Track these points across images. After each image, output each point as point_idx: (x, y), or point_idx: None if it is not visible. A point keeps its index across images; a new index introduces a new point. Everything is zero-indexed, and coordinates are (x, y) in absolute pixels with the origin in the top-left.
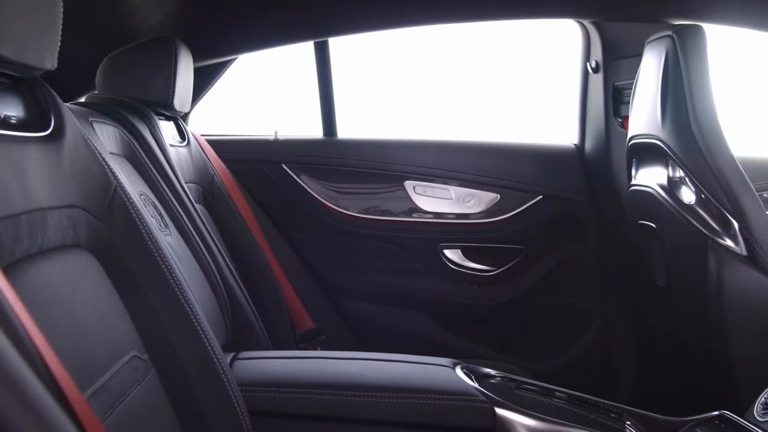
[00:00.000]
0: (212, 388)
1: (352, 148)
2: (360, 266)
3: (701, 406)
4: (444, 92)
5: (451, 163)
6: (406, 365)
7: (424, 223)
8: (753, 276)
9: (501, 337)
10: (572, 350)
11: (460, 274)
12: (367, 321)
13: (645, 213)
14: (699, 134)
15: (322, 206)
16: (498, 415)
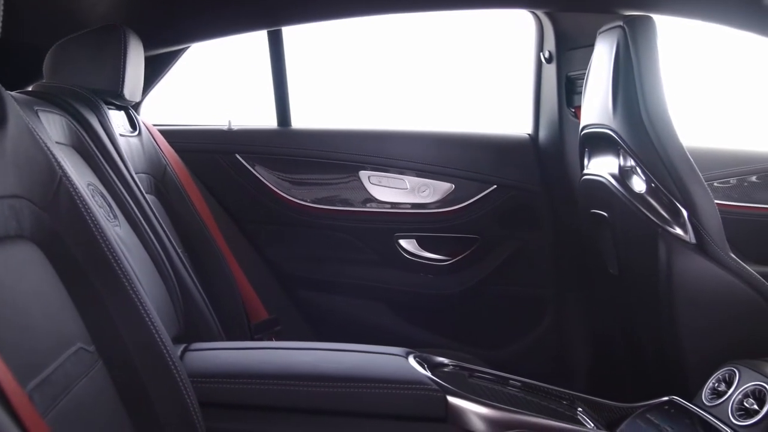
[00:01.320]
0: (161, 380)
1: (307, 138)
2: (315, 256)
3: (653, 392)
4: (399, 82)
5: (406, 152)
6: (359, 355)
7: (379, 213)
8: (702, 263)
9: (456, 326)
10: (527, 339)
11: (416, 264)
12: (323, 311)
13: (597, 202)
14: (649, 124)
15: (277, 196)
16: (450, 404)
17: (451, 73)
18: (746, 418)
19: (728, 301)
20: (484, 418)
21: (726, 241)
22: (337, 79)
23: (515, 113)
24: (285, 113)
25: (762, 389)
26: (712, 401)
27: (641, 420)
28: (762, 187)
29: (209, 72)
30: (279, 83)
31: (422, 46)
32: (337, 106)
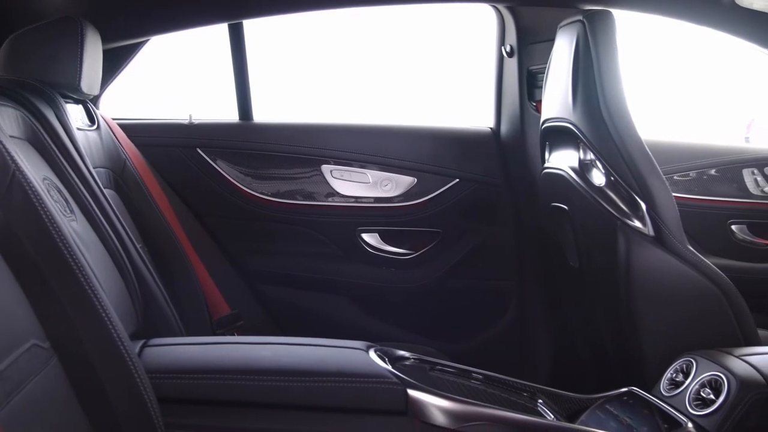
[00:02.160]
0: (118, 376)
1: (269, 132)
2: (278, 251)
3: (613, 383)
4: (361, 76)
5: (368, 147)
6: (319, 349)
7: (342, 207)
8: (660, 256)
9: (419, 319)
10: (490, 332)
11: (378, 258)
12: (286, 306)
13: (557, 195)
14: (608, 118)
15: (239, 191)
16: (410, 397)
17: (414, 68)
18: (703, 408)
19: (686, 292)
20: (444, 411)
21: (684, 233)
22: (299, 72)
23: (477, 107)
24: (246, 107)
25: (718, 379)
26: (670, 391)
27: (601, 411)
28: (721, 180)
29: (170, 66)
30: (240, 77)
31: (385, 40)
32: (299, 100)
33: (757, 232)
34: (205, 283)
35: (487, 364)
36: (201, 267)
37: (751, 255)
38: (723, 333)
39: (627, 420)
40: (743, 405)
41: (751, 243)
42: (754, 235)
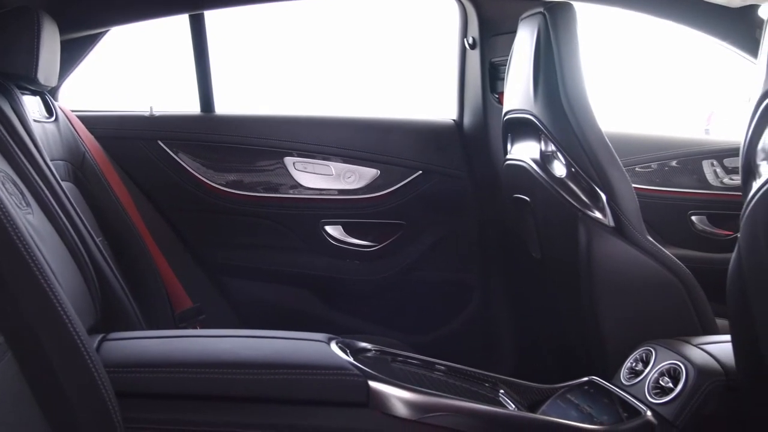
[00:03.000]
0: (75, 371)
1: (231, 124)
2: (240, 244)
3: (575, 373)
4: (324, 68)
5: (331, 138)
6: (280, 341)
7: (305, 200)
8: (620, 246)
9: (383, 311)
10: (453, 323)
11: (342, 250)
12: (249, 299)
13: (519, 187)
14: (569, 109)
15: (201, 183)
16: (371, 388)
17: (377, 60)
18: (661, 396)
19: (645, 282)
20: (405, 402)
21: (643, 223)
22: (262, 64)
23: (440, 99)
24: (208, 99)
25: (677, 368)
26: (629, 380)
27: (562, 400)
28: (681, 171)
29: (130, 57)
30: (201, 68)
31: (349, 32)
32: (261, 92)
33: (717, 222)
34: (167, 276)
35: (451, 356)
36: (162, 260)
37: (711, 245)
38: (682, 322)
39: (587, 409)
40: (701, 393)
41: (710, 233)
42: (714, 225)
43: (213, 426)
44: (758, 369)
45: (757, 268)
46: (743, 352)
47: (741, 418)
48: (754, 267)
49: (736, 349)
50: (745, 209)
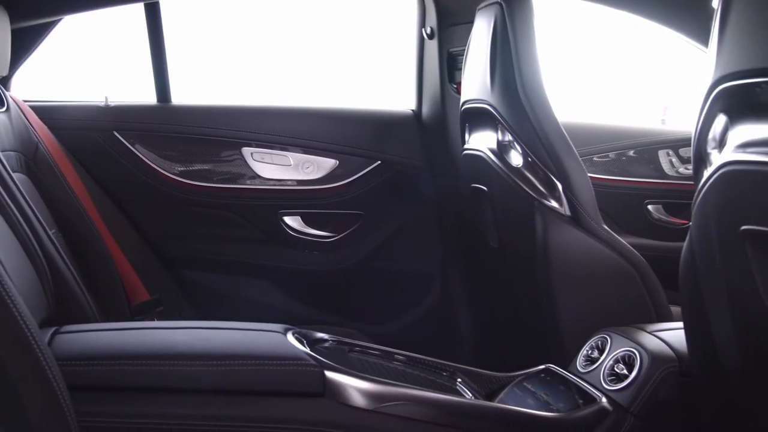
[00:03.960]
0: (25, 365)
1: (188, 115)
2: (198, 235)
3: (533, 361)
4: (281, 59)
5: (289, 129)
6: (236, 332)
7: (263, 190)
8: (576, 235)
9: (343, 302)
10: (413, 313)
11: (301, 241)
12: (208, 290)
13: (477, 176)
14: (525, 100)
15: (158, 174)
16: (328, 379)
17: (335, 50)
18: (616, 383)
19: (601, 271)
20: (362, 392)
21: (599, 212)
22: (219, 53)
23: (399, 89)
24: (164, 89)
25: (631, 355)
26: (585, 368)
27: (519, 388)
28: (638, 161)
29: (84, 46)
30: (157, 58)
31: (308, 21)
32: (218, 81)
33: (672, 211)
34: (123, 268)
35: (410, 346)
36: (119, 252)
37: (666, 234)
38: (637, 310)
39: (544, 396)
40: (655, 379)
41: (666, 222)
42: (670, 214)
43: (168, 418)
44: (709, 355)
45: (708, 256)
46: (695, 338)
47: (694, 403)
48: (704, 254)
49: (688, 335)
50: (696, 197)
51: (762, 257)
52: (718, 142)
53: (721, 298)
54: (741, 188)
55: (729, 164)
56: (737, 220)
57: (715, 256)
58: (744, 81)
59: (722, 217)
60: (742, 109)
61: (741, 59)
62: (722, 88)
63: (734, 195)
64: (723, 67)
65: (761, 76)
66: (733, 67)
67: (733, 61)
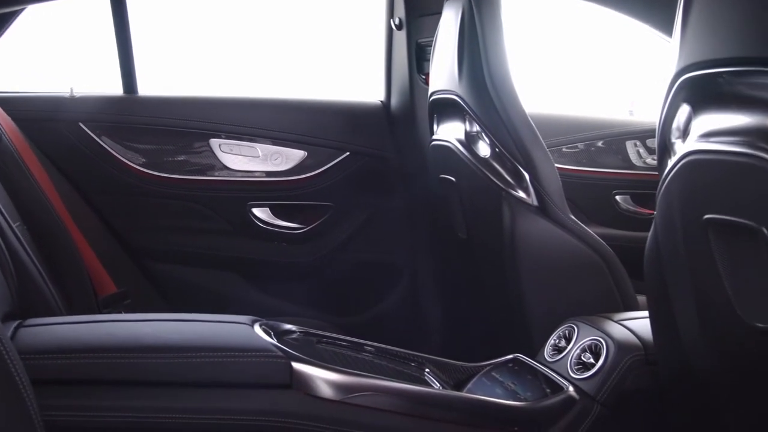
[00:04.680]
0: None
1: (155, 106)
2: (167, 227)
3: (502, 351)
4: (249, 49)
5: (257, 120)
6: (203, 324)
7: (231, 182)
8: (543, 225)
9: (312, 293)
10: (383, 304)
11: (270, 233)
12: (176, 283)
13: (445, 167)
14: (493, 90)
15: (125, 166)
16: (295, 370)
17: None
18: (583, 372)
19: (568, 260)
20: (329, 383)
21: (566, 203)
22: (186, 44)
23: (368, 80)
24: (131, 80)
25: (598, 343)
26: (553, 357)
27: (487, 378)
28: (606, 152)
29: (49, 37)
30: (123, 48)
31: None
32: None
33: (640, 201)
34: (90, 261)
35: (379, 336)
36: (85, 245)
37: (634, 224)
38: (604, 299)
39: (512, 386)
40: (621, 367)
41: (634, 212)
42: (637, 204)
43: (134, 411)
44: (674, 343)
45: (672, 245)
46: (660, 327)
47: (659, 390)
48: (668, 243)
49: (653, 324)
50: (661, 186)
51: (724, 246)
52: (682, 131)
53: (685, 287)
54: (704, 177)
55: (692, 153)
56: (700, 209)
57: (679, 245)
58: (706, 71)
59: (686, 206)
60: (704, 99)
61: (703, 49)
62: (685, 78)
63: (697, 184)
64: (686, 58)
65: (723, 66)
66: (695, 57)
67: (696, 52)
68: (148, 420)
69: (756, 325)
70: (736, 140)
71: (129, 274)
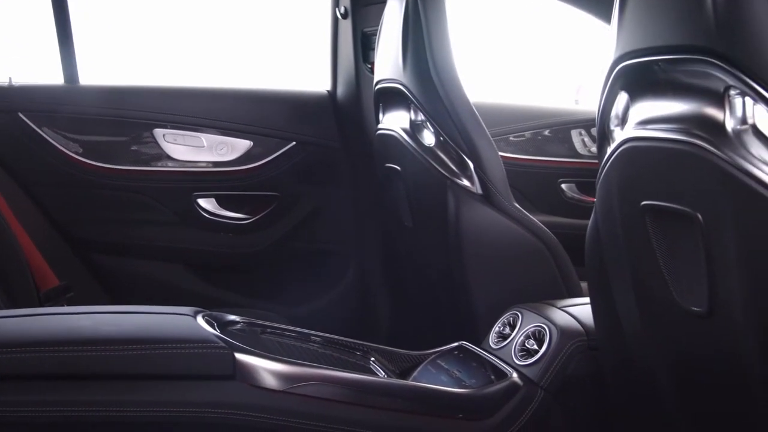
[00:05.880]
0: None
1: (97, 96)
2: (111, 219)
3: (448, 339)
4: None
5: (202, 110)
6: (144, 316)
7: (176, 173)
8: (487, 213)
9: (259, 284)
10: (330, 294)
11: (216, 224)
12: (120, 275)
13: (391, 156)
14: (437, 79)
15: (66, 157)
16: (238, 361)
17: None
18: (527, 358)
19: (512, 248)
20: (272, 373)
21: (510, 191)
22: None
23: (315, 70)
24: (72, 69)
25: (541, 330)
26: (497, 344)
27: (432, 366)
28: (553, 140)
29: None
30: (64, 37)
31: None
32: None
33: (584, 190)
34: (31, 254)
35: (327, 327)
36: (26, 238)
37: (579, 212)
38: (548, 286)
39: (457, 373)
40: (564, 353)
41: (579, 201)
42: (582, 192)
43: (73, 406)
44: (614, 329)
45: (611, 231)
46: (601, 312)
47: (601, 375)
48: (608, 230)
49: (594, 310)
50: (600, 174)
51: (661, 232)
52: (621, 119)
53: (624, 273)
54: (641, 164)
55: (629, 141)
56: (637, 195)
57: (617, 232)
58: (643, 59)
59: (624, 193)
60: (641, 87)
61: (640, 37)
62: (623, 66)
63: (635, 171)
64: (623, 46)
65: (659, 54)
66: (632, 45)
67: (633, 40)
68: (87, 414)
69: (691, 308)
70: (672, 127)
71: (72, 267)
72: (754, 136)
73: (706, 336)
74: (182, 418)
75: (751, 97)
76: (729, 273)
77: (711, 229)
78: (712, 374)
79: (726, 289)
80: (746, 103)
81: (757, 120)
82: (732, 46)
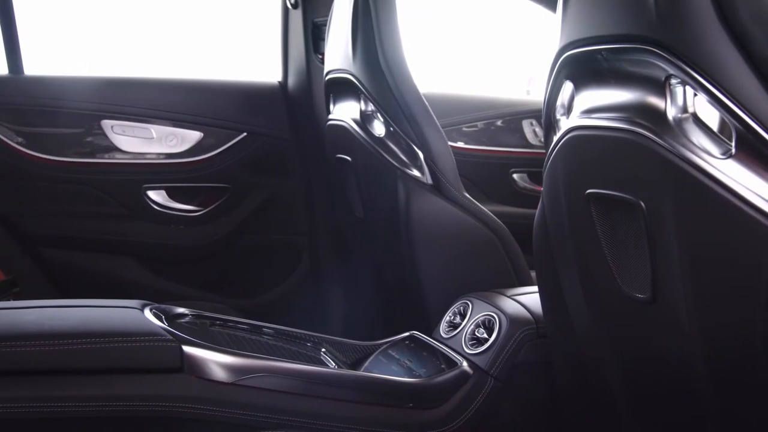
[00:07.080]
0: None
1: (42, 86)
2: (57, 212)
3: (399, 329)
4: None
5: (151, 101)
6: (89, 310)
7: (125, 164)
8: (437, 203)
9: (210, 276)
10: (282, 286)
11: (166, 216)
12: (69, 269)
13: (341, 147)
14: (387, 70)
15: (12, 150)
16: (185, 353)
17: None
18: (477, 347)
19: (463, 238)
20: (221, 366)
21: (460, 181)
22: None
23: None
24: (16, 59)
25: (491, 318)
26: (448, 333)
27: (383, 356)
28: (505, 131)
29: None
30: (7, 25)
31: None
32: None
33: (535, 179)
34: None
35: (280, 318)
36: None
37: (530, 201)
38: (498, 275)
39: (408, 363)
40: (513, 341)
41: (530, 190)
42: (533, 182)
43: (15, 402)
44: (561, 316)
45: (557, 220)
46: (549, 300)
47: (550, 363)
48: (555, 218)
49: (542, 298)
50: (547, 162)
51: (605, 220)
52: (566, 108)
53: (571, 261)
54: (585, 153)
55: (574, 129)
56: (582, 184)
57: (563, 220)
58: (586, 48)
59: (569, 181)
60: (585, 76)
61: (584, 27)
62: (567, 55)
63: (579, 159)
64: (567, 35)
65: (602, 43)
66: (576, 34)
67: (576, 29)
68: (31, 411)
69: (635, 295)
70: (615, 116)
71: (18, 261)
72: (694, 124)
73: (650, 322)
74: (130, 411)
75: (692, 86)
76: (671, 260)
77: (653, 216)
78: (656, 359)
79: (668, 276)
80: (687, 91)
81: (698, 108)
82: (673, 36)
